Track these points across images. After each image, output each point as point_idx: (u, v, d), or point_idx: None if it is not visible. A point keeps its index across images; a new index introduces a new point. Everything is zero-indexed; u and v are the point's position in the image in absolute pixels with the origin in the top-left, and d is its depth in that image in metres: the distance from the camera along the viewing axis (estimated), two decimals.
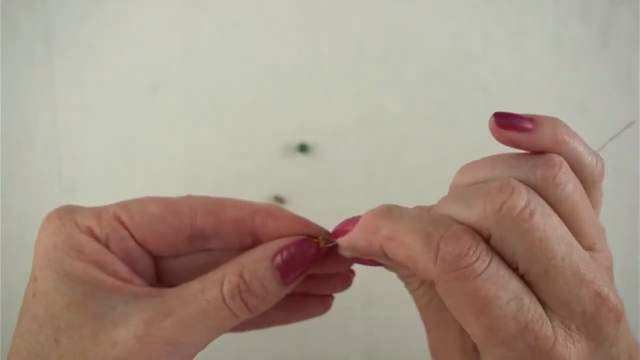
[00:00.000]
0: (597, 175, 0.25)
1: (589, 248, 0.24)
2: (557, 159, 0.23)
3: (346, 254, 0.27)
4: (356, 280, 0.32)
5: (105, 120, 0.59)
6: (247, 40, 0.56)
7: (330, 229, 0.30)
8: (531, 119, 0.24)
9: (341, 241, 0.27)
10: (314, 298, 0.32)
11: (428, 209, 0.25)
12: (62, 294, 0.24)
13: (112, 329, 0.24)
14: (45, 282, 0.24)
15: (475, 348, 0.25)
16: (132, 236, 0.27)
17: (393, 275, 0.30)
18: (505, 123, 0.24)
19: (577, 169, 0.24)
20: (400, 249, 0.23)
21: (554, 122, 0.24)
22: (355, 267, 0.31)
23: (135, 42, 0.57)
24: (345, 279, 0.32)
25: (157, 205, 0.27)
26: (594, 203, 0.26)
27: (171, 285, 0.27)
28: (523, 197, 0.21)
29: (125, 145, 0.59)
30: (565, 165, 0.23)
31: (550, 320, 0.21)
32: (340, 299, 0.33)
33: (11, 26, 0.57)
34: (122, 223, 0.27)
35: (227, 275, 0.25)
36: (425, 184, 0.58)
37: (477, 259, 0.21)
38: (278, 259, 0.26)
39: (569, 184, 0.23)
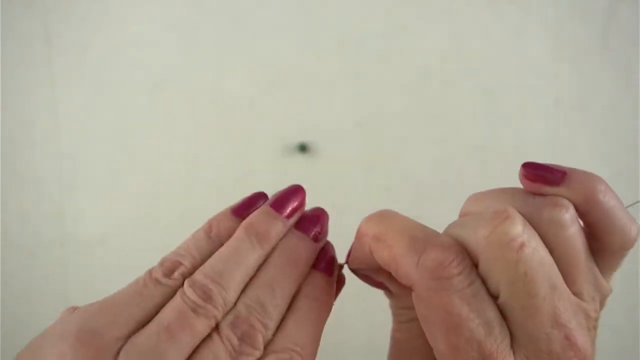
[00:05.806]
0: (628, 242, 0.23)
1: (575, 295, 0.23)
2: (565, 201, 0.22)
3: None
4: (356, 279, 0.32)
5: (105, 120, 0.59)
6: (246, 41, 0.56)
7: (330, 230, 0.30)
8: (564, 171, 0.22)
9: (350, 262, 0.26)
10: None
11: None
12: None
13: None
14: None
15: None
16: None
17: None
18: (534, 175, 0.22)
19: (607, 231, 0.22)
20: (385, 250, 0.22)
21: (589, 178, 0.22)
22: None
23: (135, 42, 0.57)
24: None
25: None
26: (613, 267, 0.24)
27: None
28: (517, 227, 0.21)
29: (125, 144, 0.59)
30: (572, 209, 0.22)
31: (515, 354, 0.21)
32: (339, 297, 0.34)
33: (11, 26, 0.57)
34: None
35: None
36: (425, 183, 0.58)
37: (460, 273, 0.21)
38: None
39: (572, 228, 0.22)
